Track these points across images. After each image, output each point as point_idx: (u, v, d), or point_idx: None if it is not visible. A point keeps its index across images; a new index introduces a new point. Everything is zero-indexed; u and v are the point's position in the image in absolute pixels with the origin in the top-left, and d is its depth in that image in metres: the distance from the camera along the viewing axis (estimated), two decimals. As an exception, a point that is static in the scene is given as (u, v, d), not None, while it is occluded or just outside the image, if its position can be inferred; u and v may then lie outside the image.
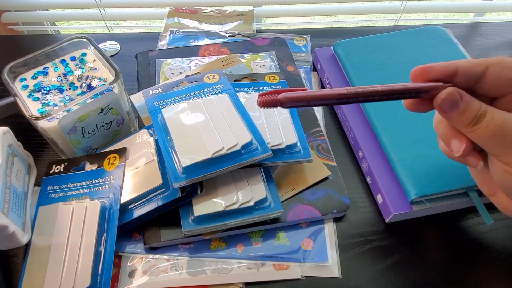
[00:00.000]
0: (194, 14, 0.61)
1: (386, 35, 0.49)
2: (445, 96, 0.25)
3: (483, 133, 0.24)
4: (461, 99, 0.25)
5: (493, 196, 0.30)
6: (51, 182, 0.37)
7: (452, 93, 0.25)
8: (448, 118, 0.26)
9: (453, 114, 0.25)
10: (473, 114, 0.25)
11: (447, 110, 0.25)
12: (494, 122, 0.24)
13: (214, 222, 0.33)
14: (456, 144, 0.27)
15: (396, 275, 0.35)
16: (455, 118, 0.25)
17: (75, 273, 0.31)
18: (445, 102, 0.25)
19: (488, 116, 0.24)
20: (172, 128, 0.36)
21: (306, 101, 0.25)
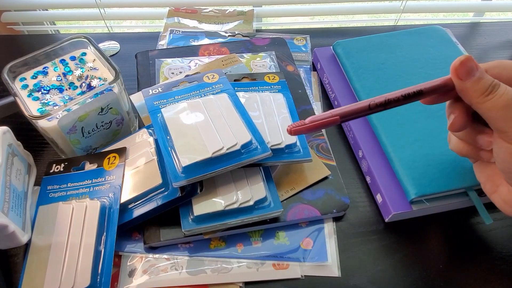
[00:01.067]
0: (194, 14, 0.61)
1: (386, 35, 0.49)
2: (464, 58, 0.25)
3: (497, 102, 0.24)
4: (477, 69, 0.25)
5: (495, 193, 0.30)
6: (51, 182, 0.37)
7: (470, 58, 0.25)
8: (463, 87, 0.26)
9: (468, 82, 0.25)
10: (488, 83, 0.25)
11: (464, 76, 0.25)
12: (508, 92, 0.24)
13: (214, 222, 0.34)
14: (484, 139, 0.28)
15: (396, 275, 0.35)
16: (470, 87, 0.25)
17: (75, 272, 0.31)
18: (463, 67, 0.25)
19: (502, 86, 0.25)
20: (172, 128, 0.36)
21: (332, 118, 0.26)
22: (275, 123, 0.39)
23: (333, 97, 0.48)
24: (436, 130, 0.40)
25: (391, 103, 0.27)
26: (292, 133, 0.26)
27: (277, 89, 0.43)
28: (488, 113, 0.25)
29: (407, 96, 0.27)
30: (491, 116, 0.25)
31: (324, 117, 0.26)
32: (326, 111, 0.47)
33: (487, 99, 0.25)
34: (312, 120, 0.26)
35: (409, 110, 0.41)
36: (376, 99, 0.26)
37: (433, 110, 0.41)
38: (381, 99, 0.26)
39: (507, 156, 0.26)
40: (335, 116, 0.26)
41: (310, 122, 0.26)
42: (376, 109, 0.26)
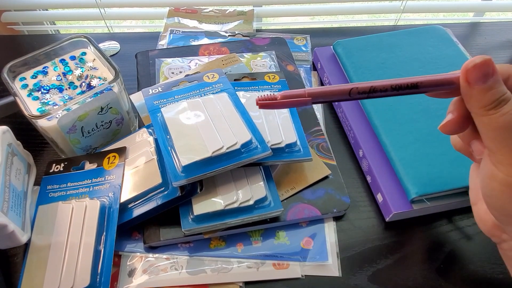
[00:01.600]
0: (194, 14, 0.61)
1: (386, 35, 0.49)
2: (480, 62, 0.22)
3: (496, 120, 0.22)
4: (491, 76, 0.22)
5: (475, 205, 0.28)
6: (51, 182, 0.37)
7: (488, 62, 0.22)
8: (467, 92, 0.23)
9: (475, 89, 0.22)
10: (496, 96, 0.22)
11: (473, 80, 0.22)
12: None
13: (214, 221, 0.33)
14: (478, 147, 0.26)
15: (396, 274, 0.35)
16: (474, 94, 0.22)
17: (75, 272, 0.31)
18: (476, 70, 0.22)
19: (509, 105, 0.22)
20: (171, 127, 0.36)
21: (304, 96, 0.23)
22: (275, 122, 0.39)
23: (333, 97, 0.48)
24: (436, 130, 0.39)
25: (376, 92, 0.23)
26: (259, 106, 0.23)
27: (277, 88, 0.43)
28: (484, 127, 0.23)
29: (397, 87, 0.23)
30: (485, 131, 0.23)
31: (295, 95, 0.23)
32: (326, 111, 0.48)
33: (487, 113, 0.22)
34: (284, 96, 0.23)
35: (410, 110, 0.41)
36: (360, 85, 0.23)
37: (434, 109, 0.41)
38: (366, 86, 0.23)
39: (486, 177, 0.24)
40: (307, 97, 0.23)
41: (282, 97, 0.23)
42: (357, 96, 0.23)
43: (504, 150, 0.22)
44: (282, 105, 0.23)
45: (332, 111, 0.48)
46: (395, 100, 0.42)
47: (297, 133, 0.39)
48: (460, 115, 0.25)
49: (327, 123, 0.46)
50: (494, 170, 0.23)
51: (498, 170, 0.22)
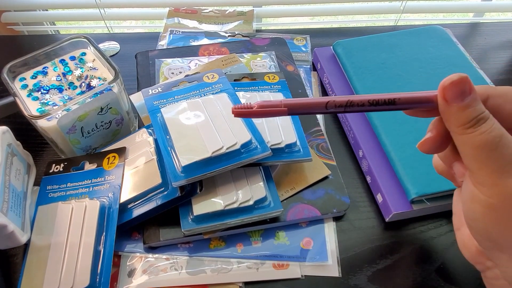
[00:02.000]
0: (194, 14, 0.61)
1: (386, 35, 0.49)
2: (457, 79, 0.21)
3: (475, 139, 0.21)
4: (469, 93, 0.22)
5: (459, 230, 0.27)
6: (51, 182, 0.37)
7: (464, 80, 0.21)
8: (445, 110, 0.22)
9: (453, 107, 0.22)
10: (474, 115, 0.21)
11: (450, 98, 0.22)
12: (490, 132, 0.21)
13: (214, 222, 0.33)
14: (459, 169, 0.25)
15: (396, 275, 0.35)
16: (452, 112, 0.22)
17: (74, 272, 0.31)
18: (453, 89, 0.21)
19: (488, 123, 0.21)
20: (171, 128, 0.36)
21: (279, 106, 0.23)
22: (275, 122, 0.39)
23: (333, 97, 0.48)
24: (436, 130, 0.39)
25: (353, 106, 0.23)
26: (235, 115, 0.23)
27: (277, 89, 0.43)
28: (463, 147, 0.22)
29: (374, 102, 0.23)
30: (464, 150, 0.22)
31: (272, 105, 0.23)
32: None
33: (465, 131, 0.21)
34: (260, 106, 0.23)
35: (409, 110, 0.41)
36: (338, 98, 0.23)
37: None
38: (343, 100, 0.23)
39: (468, 199, 0.23)
40: (282, 108, 0.23)
41: (258, 107, 0.23)
42: (334, 109, 0.23)
43: (484, 170, 0.21)
44: (257, 114, 0.23)
45: (332, 112, 0.48)
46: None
47: (297, 134, 0.39)
48: (438, 134, 0.24)
49: (327, 124, 0.46)
50: (475, 191, 0.22)
51: (479, 192, 0.22)
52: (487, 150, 0.21)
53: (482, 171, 0.21)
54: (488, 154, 0.21)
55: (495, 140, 0.21)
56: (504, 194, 0.21)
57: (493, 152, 0.21)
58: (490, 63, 0.54)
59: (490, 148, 0.21)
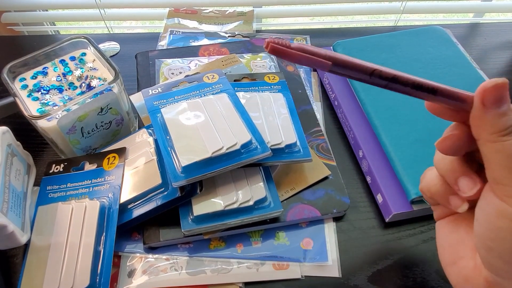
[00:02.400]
0: (194, 15, 0.61)
1: (386, 35, 0.49)
2: (500, 83, 0.20)
3: (511, 147, 0.20)
4: (506, 101, 0.20)
5: (454, 265, 0.25)
6: (51, 182, 0.37)
7: (506, 85, 0.20)
8: (480, 115, 0.21)
9: (490, 113, 0.20)
10: (510, 123, 0.20)
11: (489, 103, 0.20)
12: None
13: (214, 222, 0.33)
14: (466, 184, 0.23)
15: (396, 275, 0.35)
16: (489, 118, 0.20)
17: (74, 272, 0.31)
18: (494, 93, 0.20)
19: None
20: (171, 128, 0.36)
21: (324, 58, 0.20)
22: (275, 123, 0.39)
23: (333, 97, 0.48)
24: (436, 130, 0.39)
25: (396, 83, 0.21)
26: (269, 50, 0.19)
27: (277, 89, 0.43)
28: (495, 155, 0.20)
29: (417, 86, 0.21)
30: (496, 160, 0.21)
31: (315, 52, 0.20)
32: (326, 112, 0.48)
33: (501, 139, 0.20)
34: (301, 49, 0.20)
35: (410, 110, 0.41)
36: (385, 69, 0.21)
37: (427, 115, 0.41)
38: (389, 73, 0.21)
39: (492, 216, 0.21)
40: (326, 61, 0.20)
41: (298, 49, 0.20)
42: (377, 80, 0.21)
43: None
44: (295, 58, 0.20)
45: (332, 112, 0.48)
46: (395, 101, 0.42)
47: (297, 134, 0.39)
48: (461, 135, 0.22)
49: (327, 124, 0.46)
50: (504, 206, 0.20)
51: (509, 206, 0.20)
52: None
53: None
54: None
55: None
56: None
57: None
58: (490, 64, 0.54)
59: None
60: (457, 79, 0.44)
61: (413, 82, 0.21)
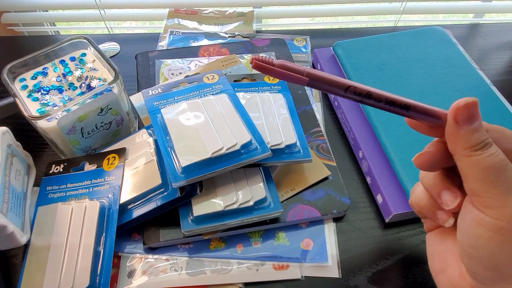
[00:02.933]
0: (194, 15, 0.61)
1: (386, 36, 0.49)
2: (471, 102, 0.22)
3: (483, 160, 0.21)
4: (477, 118, 0.22)
5: (442, 273, 0.26)
6: (51, 182, 0.37)
7: (476, 103, 0.22)
8: (454, 131, 0.22)
9: (463, 130, 0.22)
10: (483, 138, 0.22)
11: (462, 121, 0.22)
12: (498, 155, 0.22)
13: (214, 222, 0.33)
14: (448, 197, 0.24)
15: (396, 275, 0.35)
16: (462, 135, 0.22)
17: (74, 273, 0.31)
18: (466, 112, 0.22)
19: (494, 147, 0.22)
20: (171, 128, 0.36)
21: (302, 73, 0.22)
22: (275, 123, 0.39)
23: (333, 98, 0.48)
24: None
25: (370, 99, 0.23)
26: (253, 66, 0.21)
27: (277, 89, 0.43)
28: (469, 169, 0.22)
29: (391, 102, 0.23)
30: (471, 173, 0.22)
31: (294, 69, 0.22)
32: (326, 112, 0.48)
33: (474, 153, 0.22)
34: (282, 66, 0.21)
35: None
36: (359, 86, 0.22)
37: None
38: (363, 90, 0.22)
39: (472, 225, 0.22)
40: (304, 77, 0.22)
41: (279, 66, 0.22)
42: (352, 95, 0.22)
43: (492, 191, 0.21)
44: (276, 74, 0.22)
45: (331, 112, 0.48)
46: (395, 101, 0.42)
47: (297, 134, 0.39)
48: (439, 151, 0.24)
49: (327, 124, 0.46)
50: (481, 215, 0.22)
51: (486, 215, 0.22)
52: (496, 172, 0.21)
53: (490, 193, 0.21)
54: (497, 176, 0.21)
55: (502, 162, 0.21)
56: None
57: (502, 174, 0.21)
58: (490, 64, 0.54)
59: (499, 170, 0.21)
60: (457, 79, 0.44)
61: (386, 98, 0.23)
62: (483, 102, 0.42)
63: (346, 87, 0.22)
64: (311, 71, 0.22)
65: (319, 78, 0.22)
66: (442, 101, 0.42)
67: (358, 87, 0.22)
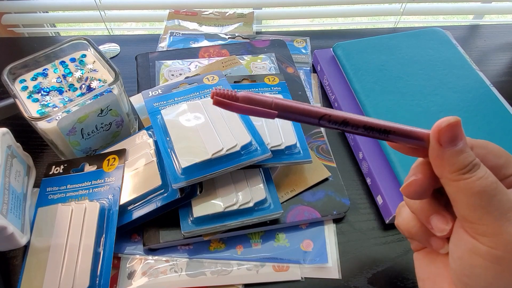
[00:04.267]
0: (194, 16, 0.61)
1: (386, 37, 0.49)
2: (453, 122, 0.20)
3: (473, 185, 0.20)
4: (461, 138, 0.20)
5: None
6: (50, 183, 0.37)
7: (459, 123, 0.20)
8: (439, 154, 0.21)
9: (448, 152, 0.20)
10: (470, 159, 0.20)
11: (445, 142, 0.20)
12: (488, 177, 0.20)
13: (214, 223, 0.33)
14: (438, 222, 0.22)
15: (397, 277, 0.35)
16: (446, 157, 0.20)
17: (74, 274, 0.31)
18: (449, 132, 0.20)
19: (482, 169, 0.20)
20: (171, 129, 0.36)
21: (270, 105, 0.20)
22: (275, 124, 0.39)
23: (333, 99, 0.48)
24: (436, 132, 0.39)
25: (347, 127, 0.21)
26: (214, 103, 0.19)
27: (277, 90, 0.43)
28: (458, 194, 0.20)
29: (369, 127, 0.21)
30: (460, 199, 0.20)
31: (260, 102, 0.19)
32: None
33: (462, 177, 0.20)
34: (247, 100, 0.19)
35: (410, 112, 0.41)
36: (334, 113, 0.20)
37: (434, 111, 0.41)
38: (339, 116, 0.20)
39: (465, 253, 0.21)
40: (272, 111, 0.19)
41: (243, 100, 0.19)
42: (327, 124, 0.20)
43: (485, 218, 0.19)
44: (240, 110, 0.19)
45: (332, 113, 0.48)
46: (394, 102, 0.42)
47: (297, 135, 0.39)
48: (425, 177, 0.22)
49: (327, 125, 0.46)
50: (475, 243, 0.20)
51: (480, 243, 0.20)
52: (487, 197, 0.19)
53: (484, 220, 0.20)
54: (489, 201, 0.19)
55: (493, 185, 0.20)
56: (511, 243, 0.19)
57: (493, 198, 0.19)
58: (490, 65, 0.54)
59: (490, 194, 0.19)
60: (456, 80, 0.44)
61: (364, 124, 0.21)
62: (483, 103, 0.42)
63: (320, 116, 0.20)
64: (280, 102, 0.19)
65: (289, 109, 0.20)
66: (441, 102, 0.42)
67: (333, 115, 0.20)
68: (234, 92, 0.19)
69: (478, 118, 0.41)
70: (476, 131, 0.40)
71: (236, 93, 0.19)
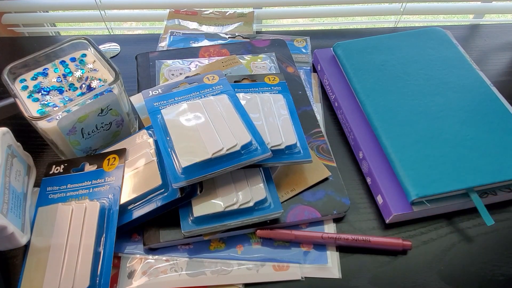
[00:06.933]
0: (194, 16, 0.61)
1: (386, 37, 0.49)
2: None
3: None
4: None
5: None
6: (51, 183, 0.37)
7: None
8: None
9: None
10: None
11: None
12: None
13: (214, 223, 0.33)
14: None
15: (397, 277, 0.35)
16: None
17: (74, 273, 0.31)
18: None
19: None
20: (171, 129, 0.36)
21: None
22: (275, 124, 0.39)
23: (333, 98, 0.48)
24: (436, 131, 0.39)
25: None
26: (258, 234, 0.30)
27: (277, 90, 0.43)
28: None
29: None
30: None
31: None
32: (326, 113, 0.48)
33: None
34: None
35: (410, 111, 0.41)
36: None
37: (434, 111, 0.41)
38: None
39: None
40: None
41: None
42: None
43: None
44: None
45: (332, 113, 0.48)
46: (394, 102, 0.42)
47: (297, 135, 0.39)
48: None
49: (327, 125, 0.46)
50: None
51: None
52: None
53: None
54: None
55: None
56: None
57: None
58: (490, 65, 0.54)
59: None
60: (457, 80, 0.44)
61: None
62: (483, 102, 0.42)
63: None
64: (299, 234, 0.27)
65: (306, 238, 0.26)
66: (441, 102, 0.42)
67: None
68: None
69: (478, 118, 0.41)
70: (476, 131, 0.40)
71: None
